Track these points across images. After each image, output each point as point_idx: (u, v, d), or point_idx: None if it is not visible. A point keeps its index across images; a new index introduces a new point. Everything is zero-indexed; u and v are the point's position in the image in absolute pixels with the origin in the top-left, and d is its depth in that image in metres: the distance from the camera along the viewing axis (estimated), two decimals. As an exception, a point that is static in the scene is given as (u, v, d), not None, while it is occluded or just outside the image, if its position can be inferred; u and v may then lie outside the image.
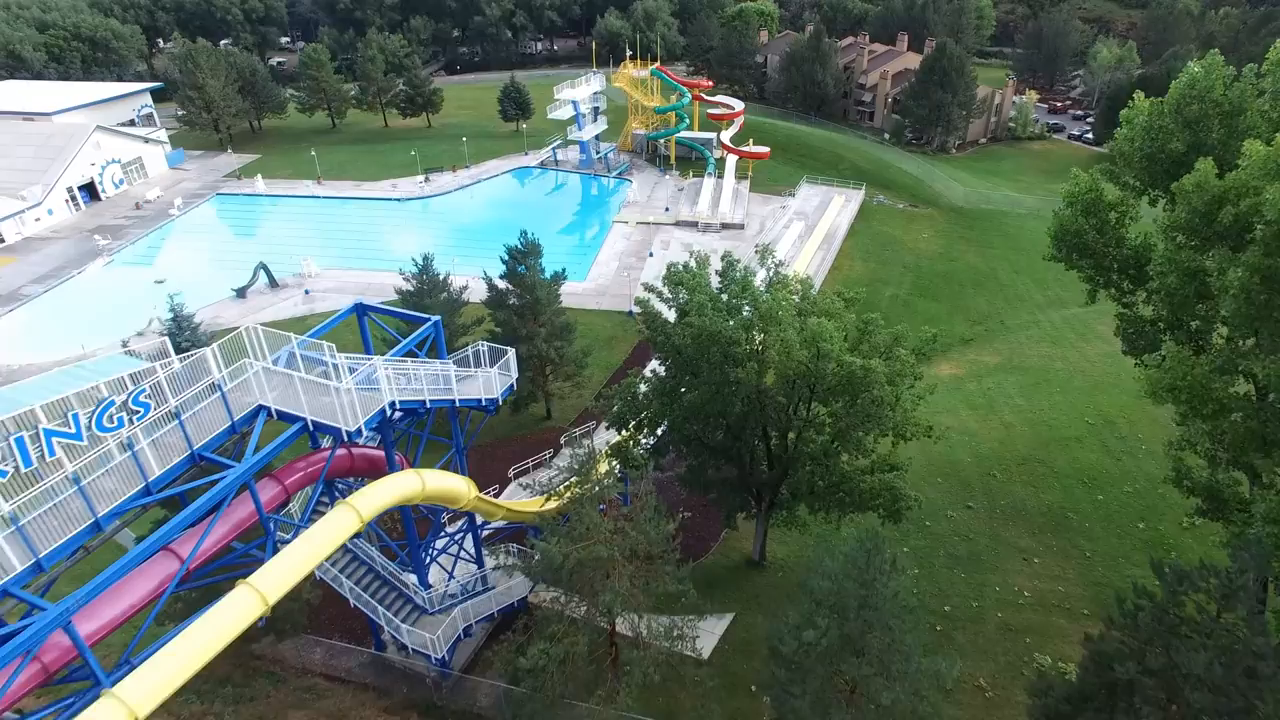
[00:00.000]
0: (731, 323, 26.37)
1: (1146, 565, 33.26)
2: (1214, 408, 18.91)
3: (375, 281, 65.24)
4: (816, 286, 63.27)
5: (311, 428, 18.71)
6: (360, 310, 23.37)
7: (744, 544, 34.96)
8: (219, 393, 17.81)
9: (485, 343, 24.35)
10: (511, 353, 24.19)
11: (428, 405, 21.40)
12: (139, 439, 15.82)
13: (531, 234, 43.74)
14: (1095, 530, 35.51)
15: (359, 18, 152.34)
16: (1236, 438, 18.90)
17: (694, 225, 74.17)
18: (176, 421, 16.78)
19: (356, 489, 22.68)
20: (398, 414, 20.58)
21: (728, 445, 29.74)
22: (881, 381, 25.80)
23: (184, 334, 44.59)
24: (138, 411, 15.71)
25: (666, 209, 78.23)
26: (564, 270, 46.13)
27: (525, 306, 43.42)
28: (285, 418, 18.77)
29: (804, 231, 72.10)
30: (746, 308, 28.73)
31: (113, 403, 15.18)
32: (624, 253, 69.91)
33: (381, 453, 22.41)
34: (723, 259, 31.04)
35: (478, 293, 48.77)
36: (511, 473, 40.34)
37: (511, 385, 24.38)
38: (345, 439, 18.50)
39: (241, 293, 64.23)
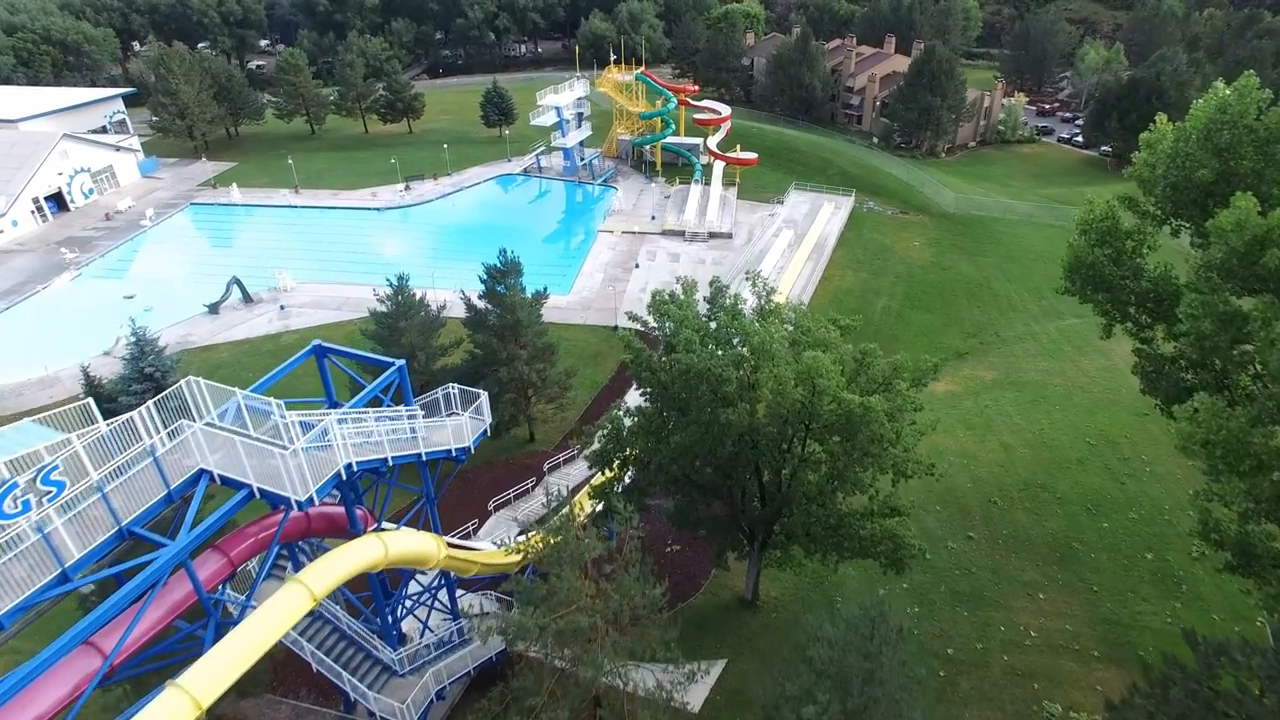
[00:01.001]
0: (721, 354, 24.65)
1: (1156, 600, 32.09)
2: (1252, 464, 17.41)
3: (353, 296, 63.17)
4: (807, 298, 62.16)
5: (258, 495, 16.87)
6: (320, 352, 21.47)
7: (736, 581, 33.29)
8: (151, 458, 15.92)
9: (456, 385, 22.52)
10: (484, 397, 22.39)
11: (390, 463, 19.60)
12: (52, 520, 13.92)
13: (511, 252, 41.89)
14: (1101, 561, 34.05)
15: (339, 20, 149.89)
16: (1277, 494, 17.38)
17: (681, 234, 72.50)
18: (100, 495, 14.89)
19: (320, 547, 20.86)
20: (356, 474, 18.76)
21: (718, 483, 28.06)
22: (882, 420, 24.19)
23: (148, 359, 42.51)
24: (49, 492, 13.84)
25: (653, 217, 76.50)
26: (545, 288, 44.33)
27: (506, 327, 41.60)
28: (229, 483, 16.92)
29: (793, 240, 70.54)
30: (736, 338, 27.14)
31: (15, 485, 13.31)
32: (609, 264, 68.11)
33: (342, 509, 20.58)
34: (711, 284, 29.37)
35: (459, 308, 46.98)
36: (491, 505, 38.46)
37: (485, 431, 22.57)
38: (295, 508, 16.68)
39: (214, 308, 62.03)
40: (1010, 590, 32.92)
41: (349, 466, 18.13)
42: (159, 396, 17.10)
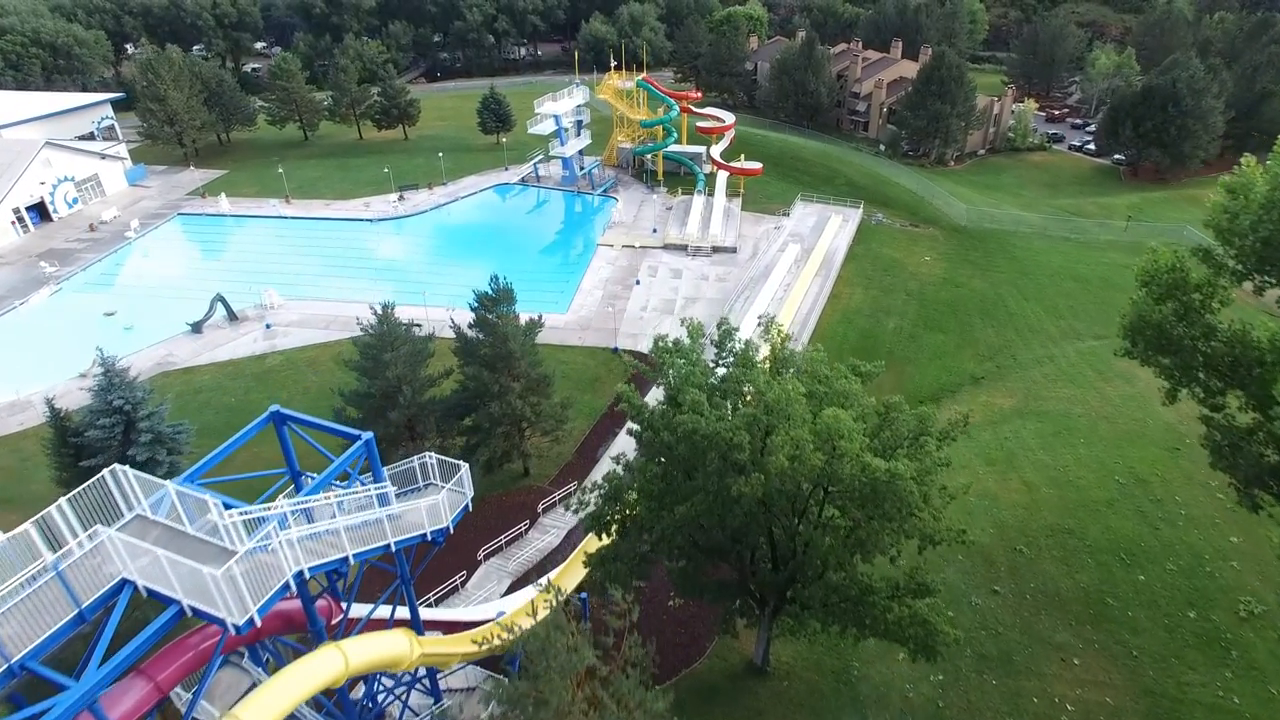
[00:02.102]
0: (731, 415, 22.03)
1: (1204, 668, 29.33)
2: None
3: (342, 314, 60.63)
4: (815, 317, 59.51)
5: (190, 614, 14.32)
6: (278, 419, 18.94)
7: (745, 645, 30.71)
8: (54, 573, 13.38)
9: (434, 455, 19.96)
10: (465, 469, 19.83)
11: (353, 561, 17.04)
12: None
13: (504, 278, 39.35)
14: (1140, 620, 31.46)
15: (335, 23, 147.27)
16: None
17: (683, 249, 69.89)
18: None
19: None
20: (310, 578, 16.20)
21: (725, 546, 25.52)
22: (911, 487, 21.69)
23: (116, 391, 39.95)
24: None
25: (654, 230, 73.92)
26: (540, 317, 41.78)
27: (498, 357, 39.03)
28: (157, 598, 14.39)
29: (800, 255, 67.92)
30: (747, 385, 24.61)
31: None
32: (609, 280, 65.50)
33: (299, 604, 18.03)
34: (719, 326, 26.81)
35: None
36: (481, 555, 35.84)
37: (466, 506, 20.02)
38: (233, 631, 14.13)
39: (197, 327, 59.51)
40: (1042, 654, 30.36)
41: (299, 574, 15.61)
42: (78, 490, 14.54)
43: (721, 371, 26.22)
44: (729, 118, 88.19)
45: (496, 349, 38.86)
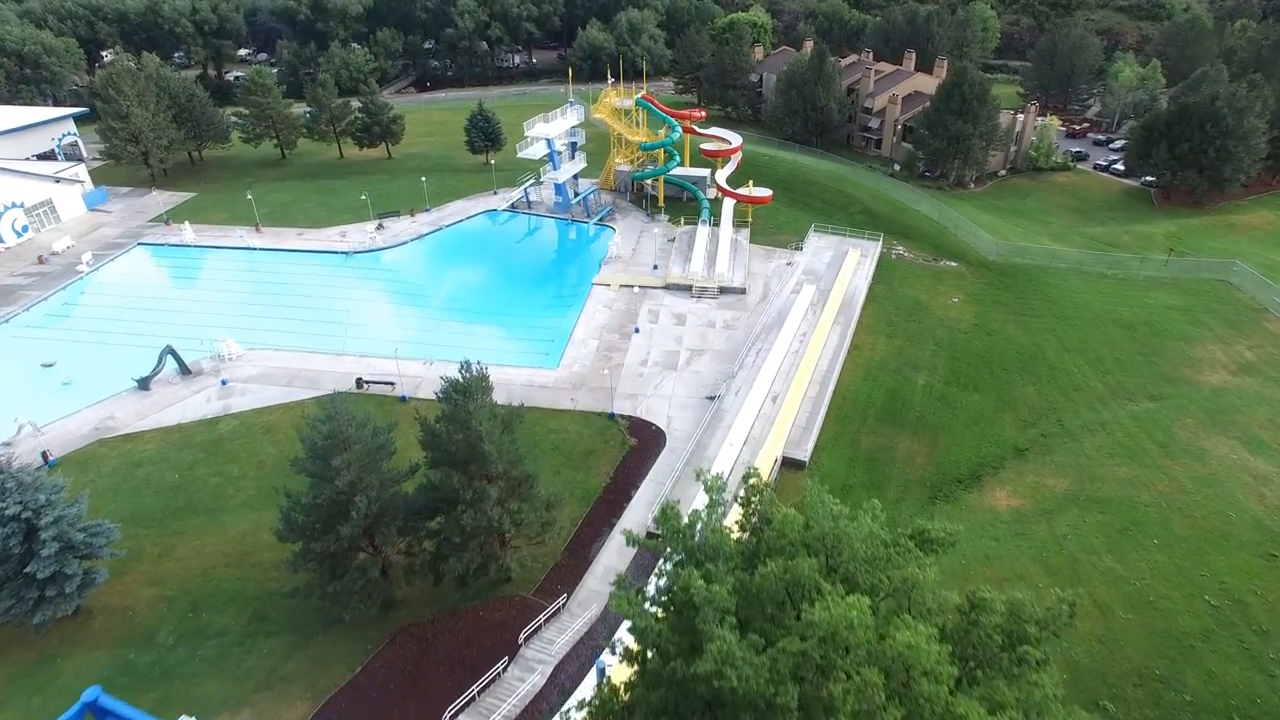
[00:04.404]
0: (770, 661, 15.57)
1: None
2: None
3: (308, 368, 54.41)
4: (836, 372, 52.84)
5: None
6: (97, 713, 12.56)
7: None
8: None
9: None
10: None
11: None
12: None
13: (479, 363, 32.98)
14: (1268, 821, 25.18)
15: (321, 30, 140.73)
16: None
17: (687, 289, 63.51)
18: None
19: None
20: None
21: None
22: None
23: (11, 498, 33.45)
24: None
25: (655, 267, 67.47)
26: (523, 404, 35.37)
27: (471, 456, 32.62)
28: None
29: (817, 298, 61.54)
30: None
31: None
32: (605, 327, 59.04)
33: None
34: (745, 479, 20.46)
35: (431, 382, 38.50)
36: (448, 715, 29.30)
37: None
38: None
39: (144, 383, 53.08)
40: None
41: None
42: None
43: (750, 538, 20.00)
44: (736, 139, 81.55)
45: (470, 445, 32.46)
